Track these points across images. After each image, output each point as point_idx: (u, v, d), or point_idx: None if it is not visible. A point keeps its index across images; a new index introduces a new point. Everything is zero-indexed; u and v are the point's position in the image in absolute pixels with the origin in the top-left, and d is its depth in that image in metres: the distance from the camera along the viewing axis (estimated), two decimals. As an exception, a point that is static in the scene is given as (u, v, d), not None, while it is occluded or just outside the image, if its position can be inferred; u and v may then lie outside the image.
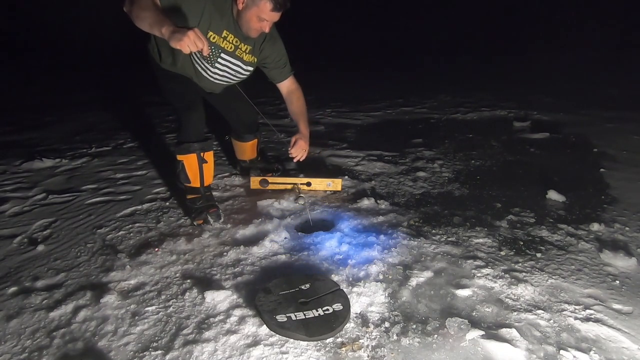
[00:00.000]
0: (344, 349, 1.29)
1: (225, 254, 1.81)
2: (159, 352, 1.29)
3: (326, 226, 2.08)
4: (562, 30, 9.96)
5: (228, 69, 2.04)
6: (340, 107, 4.88)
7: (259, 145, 2.68)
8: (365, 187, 2.52)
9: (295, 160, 2.20)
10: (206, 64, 1.99)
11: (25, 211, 2.29)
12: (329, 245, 1.86)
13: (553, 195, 2.33)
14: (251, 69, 2.11)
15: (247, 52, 2.03)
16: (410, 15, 12.77)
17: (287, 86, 2.24)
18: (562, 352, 1.27)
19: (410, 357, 1.26)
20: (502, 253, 1.81)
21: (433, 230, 2.00)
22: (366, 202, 2.26)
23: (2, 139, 3.69)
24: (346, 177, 2.63)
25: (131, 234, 2.01)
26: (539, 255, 1.79)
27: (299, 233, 1.99)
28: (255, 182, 2.48)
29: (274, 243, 1.87)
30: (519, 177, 2.70)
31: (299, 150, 2.17)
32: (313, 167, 2.84)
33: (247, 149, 2.61)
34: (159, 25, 1.53)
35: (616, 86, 5.42)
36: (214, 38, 1.90)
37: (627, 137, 3.37)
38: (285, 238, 1.93)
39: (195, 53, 1.83)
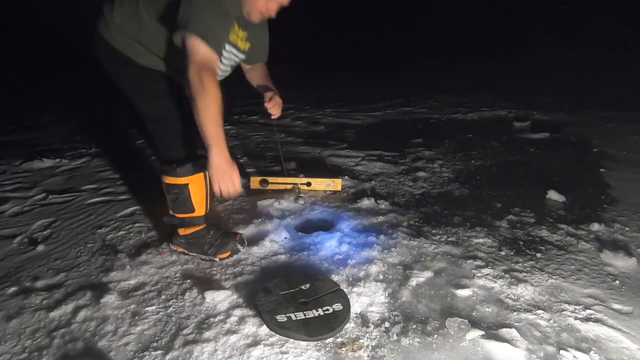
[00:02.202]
0: (344, 349, 1.29)
1: (225, 254, 1.81)
2: (159, 352, 1.29)
3: (326, 226, 2.08)
4: (563, 30, 9.96)
5: (228, 60, 1.67)
6: (340, 107, 4.88)
7: None
8: (365, 187, 2.52)
9: (273, 117, 1.98)
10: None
11: (25, 211, 2.29)
12: (329, 245, 1.86)
13: (553, 195, 2.33)
14: (244, 57, 1.77)
15: (243, 39, 1.69)
16: (410, 15, 12.77)
17: (255, 66, 1.97)
18: (562, 352, 1.27)
19: (410, 357, 1.26)
20: (502, 253, 1.81)
21: (433, 230, 2.00)
22: (366, 202, 2.26)
23: (2, 139, 3.69)
24: (346, 177, 2.63)
25: (131, 234, 2.01)
26: (539, 255, 1.79)
27: (299, 233, 1.99)
28: (255, 182, 2.48)
29: (274, 243, 1.87)
30: (519, 177, 2.70)
31: (276, 106, 1.94)
32: (313, 167, 2.84)
33: None
34: (214, 137, 1.37)
35: (616, 86, 5.42)
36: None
37: (627, 137, 3.37)
38: (285, 238, 1.93)
39: None
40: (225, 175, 1.41)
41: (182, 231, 1.76)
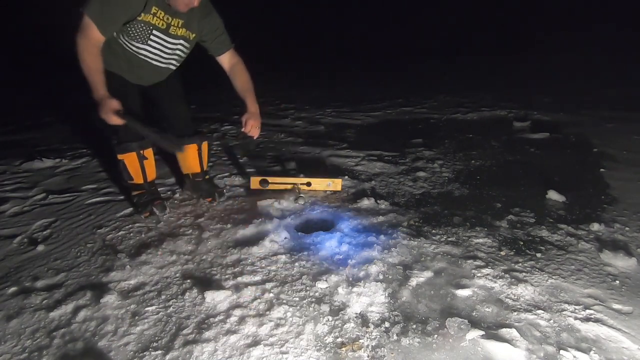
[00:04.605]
0: (344, 349, 1.29)
1: (225, 254, 1.82)
2: (159, 352, 1.29)
3: (326, 226, 2.08)
4: (563, 30, 9.96)
5: (162, 47, 1.92)
6: (340, 107, 4.88)
7: (205, 157, 2.37)
8: (365, 187, 2.52)
9: (253, 138, 2.11)
10: (137, 44, 1.88)
11: (25, 211, 2.29)
12: (329, 245, 1.86)
13: (553, 195, 2.33)
14: (188, 45, 2.00)
15: (179, 26, 1.90)
16: (410, 15, 12.78)
17: (229, 59, 2.11)
18: (562, 352, 1.27)
19: (410, 357, 1.26)
20: (502, 253, 1.81)
21: (433, 230, 2.00)
22: (366, 202, 2.26)
23: (2, 139, 3.69)
24: (346, 177, 2.63)
25: (131, 234, 2.01)
26: (539, 255, 1.79)
27: (299, 233, 1.99)
28: (255, 182, 2.48)
29: (274, 243, 1.87)
30: (519, 177, 2.70)
31: (254, 130, 2.07)
32: (313, 167, 2.84)
33: (186, 158, 2.34)
34: (95, 86, 1.78)
35: (616, 86, 5.42)
36: (143, 17, 1.80)
37: (627, 137, 3.37)
38: (285, 238, 1.93)
39: (125, 39, 1.87)
40: (102, 109, 1.77)
41: (132, 193, 2.22)
